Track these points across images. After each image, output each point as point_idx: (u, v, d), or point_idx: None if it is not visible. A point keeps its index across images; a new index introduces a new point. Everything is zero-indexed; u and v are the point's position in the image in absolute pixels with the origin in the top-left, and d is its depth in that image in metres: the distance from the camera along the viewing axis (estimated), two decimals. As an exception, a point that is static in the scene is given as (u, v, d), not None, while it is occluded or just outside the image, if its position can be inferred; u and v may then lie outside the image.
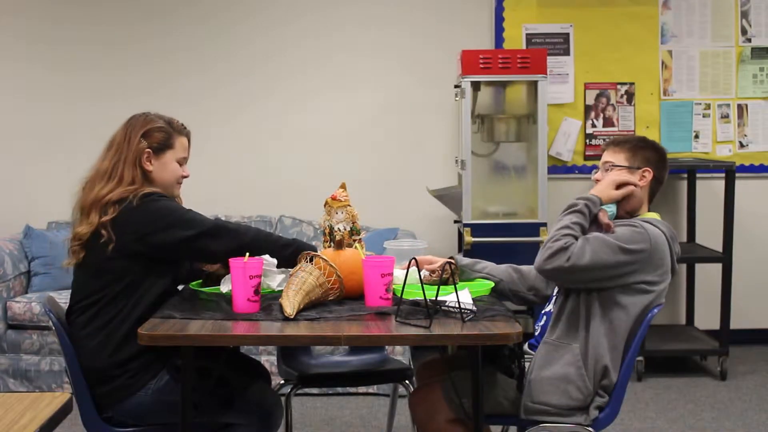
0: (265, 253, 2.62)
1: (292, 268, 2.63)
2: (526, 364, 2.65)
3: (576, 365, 2.57)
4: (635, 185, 2.69)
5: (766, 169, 5.31)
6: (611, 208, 2.68)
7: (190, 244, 2.58)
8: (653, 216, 2.72)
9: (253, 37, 5.29)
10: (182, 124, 2.79)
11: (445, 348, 3.20)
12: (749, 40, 5.27)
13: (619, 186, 2.69)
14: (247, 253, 2.52)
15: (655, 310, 2.60)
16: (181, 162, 2.76)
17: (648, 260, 2.55)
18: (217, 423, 2.62)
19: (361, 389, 4.43)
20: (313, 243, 2.92)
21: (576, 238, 2.57)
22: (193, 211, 2.67)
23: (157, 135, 2.69)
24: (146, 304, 2.57)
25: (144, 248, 2.56)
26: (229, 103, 5.30)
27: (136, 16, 5.26)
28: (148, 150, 2.67)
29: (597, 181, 2.77)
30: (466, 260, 2.85)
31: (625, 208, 2.71)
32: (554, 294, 2.77)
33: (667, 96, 5.29)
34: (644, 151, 2.72)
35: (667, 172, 2.78)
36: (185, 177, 2.78)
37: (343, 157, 5.29)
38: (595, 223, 2.65)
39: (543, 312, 2.89)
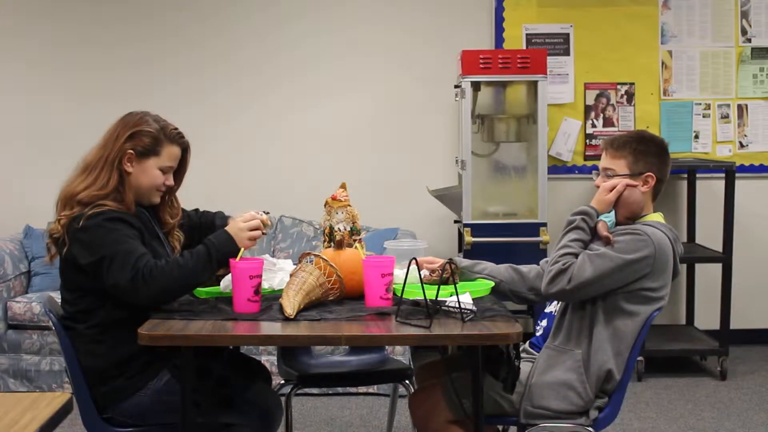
0: (190, 287, 2.59)
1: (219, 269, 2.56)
2: (524, 365, 2.65)
3: (577, 371, 2.57)
4: (635, 186, 2.67)
5: (766, 169, 5.31)
6: (610, 218, 2.66)
7: (108, 288, 2.48)
8: (656, 218, 2.70)
9: (253, 37, 5.29)
10: (178, 133, 2.70)
11: (445, 348, 3.20)
12: (749, 40, 5.27)
13: (612, 189, 2.67)
14: (242, 250, 2.52)
15: (656, 313, 2.60)
16: (165, 170, 2.68)
17: (652, 266, 2.55)
18: (217, 423, 2.62)
19: (361, 389, 4.43)
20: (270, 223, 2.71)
21: (576, 256, 2.57)
22: (124, 250, 2.47)
23: (144, 139, 2.62)
24: (120, 315, 2.54)
25: (87, 270, 2.53)
26: (229, 103, 5.30)
27: (136, 15, 5.25)
28: (131, 152, 2.61)
29: (598, 186, 2.74)
30: (466, 262, 2.84)
31: (626, 214, 2.68)
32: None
33: (667, 96, 5.28)
34: (646, 156, 2.67)
35: (669, 169, 2.74)
36: (169, 186, 2.71)
37: (343, 157, 5.29)
38: (596, 234, 2.64)
39: (545, 312, 2.89)
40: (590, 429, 2.57)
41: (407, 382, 3.22)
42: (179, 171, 2.77)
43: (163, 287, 2.46)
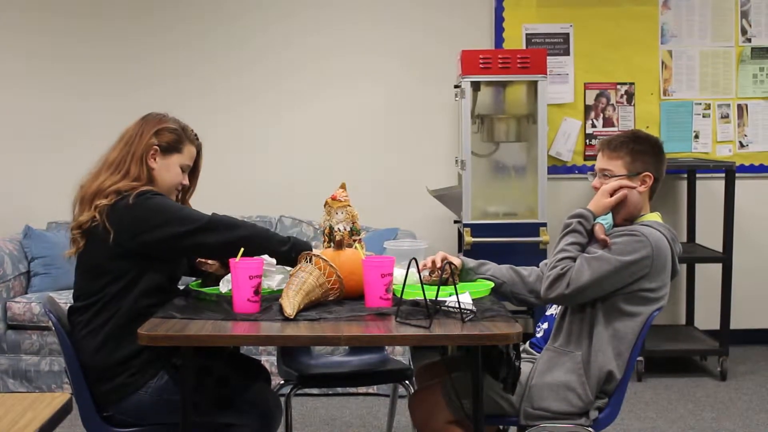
0: (260, 250, 2.61)
1: (287, 265, 2.63)
2: (524, 366, 2.65)
3: (577, 373, 2.57)
4: (634, 188, 2.67)
5: (766, 169, 5.31)
6: (607, 220, 2.66)
7: (185, 240, 2.56)
8: (654, 218, 2.70)
9: (253, 35, 5.28)
10: (195, 135, 2.81)
11: (445, 348, 3.20)
12: (749, 40, 5.27)
13: (612, 193, 2.67)
14: (242, 249, 2.52)
15: (656, 313, 2.60)
16: (184, 169, 2.76)
17: (650, 267, 2.55)
18: (217, 423, 2.62)
19: (361, 389, 4.43)
20: (312, 243, 2.90)
21: (574, 259, 2.57)
22: (188, 208, 2.68)
23: (168, 135, 2.71)
24: (145, 303, 2.57)
25: (140, 246, 2.56)
26: (228, 101, 5.30)
27: (136, 13, 5.25)
28: (156, 147, 2.68)
29: (596, 188, 2.73)
30: (473, 262, 2.84)
31: (624, 216, 2.68)
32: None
33: (667, 96, 5.29)
34: (643, 155, 2.66)
35: (665, 168, 2.74)
36: (185, 186, 2.78)
37: (343, 157, 5.29)
38: (593, 237, 2.64)
39: (546, 315, 2.89)
40: (590, 429, 2.57)
41: (407, 382, 3.22)
42: (193, 173, 2.83)
43: (239, 232, 2.59)
